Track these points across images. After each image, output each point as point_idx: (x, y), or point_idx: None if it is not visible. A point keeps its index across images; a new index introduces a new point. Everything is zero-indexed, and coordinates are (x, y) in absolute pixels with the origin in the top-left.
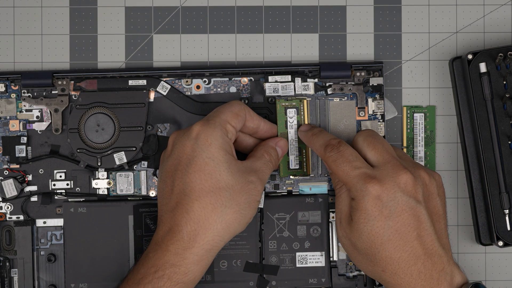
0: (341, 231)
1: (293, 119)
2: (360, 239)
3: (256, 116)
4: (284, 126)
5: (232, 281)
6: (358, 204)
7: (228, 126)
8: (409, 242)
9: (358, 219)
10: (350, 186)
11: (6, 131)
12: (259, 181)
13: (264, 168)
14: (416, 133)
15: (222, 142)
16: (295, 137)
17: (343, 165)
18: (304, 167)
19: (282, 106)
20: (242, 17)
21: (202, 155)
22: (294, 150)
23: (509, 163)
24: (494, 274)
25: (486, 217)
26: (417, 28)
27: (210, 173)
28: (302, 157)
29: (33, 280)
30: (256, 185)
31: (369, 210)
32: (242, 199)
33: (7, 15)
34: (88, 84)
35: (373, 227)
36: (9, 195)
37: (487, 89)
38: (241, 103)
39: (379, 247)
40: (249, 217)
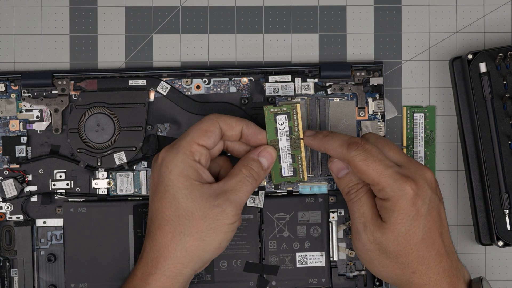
0: (367, 236)
1: (283, 125)
2: (395, 241)
3: (236, 122)
4: (274, 133)
5: (232, 281)
6: (395, 204)
7: (195, 147)
8: (436, 240)
9: (395, 220)
10: (383, 185)
11: (6, 131)
12: (228, 203)
13: (239, 186)
14: (416, 133)
15: (183, 167)
16: (287, 144)
17: (375, 164)
18: (299, 173)
19: (271, 112)
20: (242, 17)
21: (163, 182)
22: (286, 158)
23: (509, 163)
24: (494, 274)
25: (486, 217)
26: (417, 28)
27: (169, 201)
28: (297, 164)
29: (33, 280)
30: (224, 209)
31: (408, 210)
32: (204, 226)
33: (7, 15)
34: (88, 84)
35: (410, 226)
36: (9, 195)
37: (487, 89)
38: (213, 116)
39: (414, 247)
40: (216, 242)
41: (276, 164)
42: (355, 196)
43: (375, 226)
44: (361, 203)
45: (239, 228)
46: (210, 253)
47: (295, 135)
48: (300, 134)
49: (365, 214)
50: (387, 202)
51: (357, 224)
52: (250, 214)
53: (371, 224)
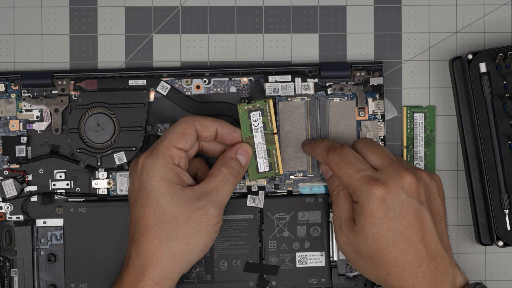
0: (342, 238)
1: (258, 122)
2: (365, 243)
3: (210, 123)
4: (248, 130)
5: (232, 281)
6: (363, 207)
7: (173, 151)
8: (413, 244)
9: (363, 222)
10: (354, 189)
11: (6, 131)
12: (211, 205)
13: (220, 187)
14: (416, 133)
15: (164, 172)
16: (262, 140)
17: (346, 168)
18: (275, 168)
19: (245, 110)
20: (242, 17)
21: (145, 189)
22: (262, 153)
23: (509, 163)
24: (494, 274)
25: (486, 217)
26: (417, 28)
27: (153, 207)
28: (273, 159)
29: (33, 280)
30: (206, 210)
31: (375, 213)
32: (189, 229)
33: (7, 15)
34: (88, 84)
35: (378, 230)
36: (9, 195)
37: (487, 89)
38: (187, 118)
39: (384, 250)
40: (202, 244)
41: (252, 160)
42: (336, 198)
43: (348, 228)
44: (339, 205)
45: (239, 228)
46: (196, 255)
47: (269, 130)
48: (273, 129)
49: (341, 217)
50: (357, 205)
51: (335, 226)
52: (250, 214)
53: (345, 226)
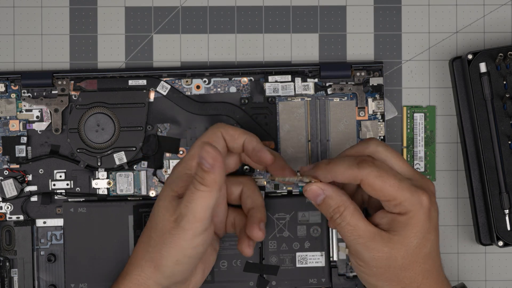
0: (371, 254)
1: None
2: (406, 254)
3: (239, 134)
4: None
5: (232, 281)
6: (411, 217)
7: (194, 161)
8: (438, 252)
9: (409, 233)
10: (402, 199)
11: (6, 131)
12: (181, 218)
13: (190, 197)
14: (416, 133)
15: (174, 179)
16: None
17: (391, 179)
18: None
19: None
20: (242, 17)
21: (161, 192)
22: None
23: (509, 163)
24: (494, 274)
25: (486, 217)
26: (417, 28)
27: (153, 211)
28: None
29: (33, 280)
30: (178, 223)
31: (424, 223)
32: (162, 240)
33: (7, 15)
34: (88, 84)
35: (422, 240)
36: (9, 195)
37: (487, 89)
38: (216, 126)
39: (421, 260)
40: (173, 258)
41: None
42: (341, 220)
43: (382, 241)
44: (352, 226)
45: None
46: (169, 268)
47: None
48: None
49: (363, 235)
50: (403, 216)
51: (356, 246)
52: None
53: (375, 241)
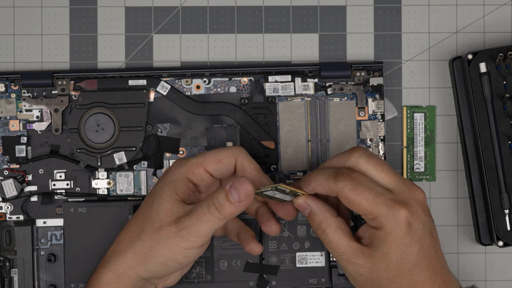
0: (354, 269)
1: (273, 192)
2: (387, 269)
3: (251, 166)
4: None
5: (232, 281)
6: (388, 233)
7: (199, 170)
8: (431, 261)
9: (387, 249)
10: (376, 214)
11: (6, 131)
12: (187, 230)
13: (197, 220)
14: (416, 133)
15: (175, 179)
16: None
17: (366, 193)
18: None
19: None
20: (242, 17)
21: (157, 184)
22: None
23: (509, 163)
24: (494, 274)
25: (486, 217)
26: (417, 28)
27: (147, 202)
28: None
29: (33, 280)
30: (179, 230)
31: (401, 238)
32: (156, 237)
33: (7, 15)
34: (88, 84)
35: (403, 254)
36: (9, 195)
37: (487, 89)
38: (235, 150)
39: (407, 273)
40: (162, 259)
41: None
42: (325, 235)
43: (363, 257)
44: (334, 243)
45: None
46: (155, 266)
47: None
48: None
49: (346, 252)
50: (380, 231)
51: (341, 261)
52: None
53: (357, 257)
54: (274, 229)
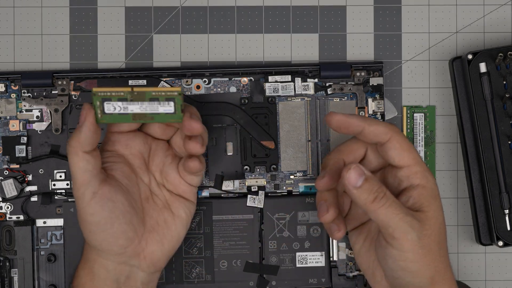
0: (419, 232)
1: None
2: (441, 228)
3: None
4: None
5: (232, 281)
6: (431, 190)
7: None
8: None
9: (435, 206)
10: (417, 170)
11: (6, 131)
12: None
13: None
14: (416, 133)
15: None
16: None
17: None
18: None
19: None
20: (242, 17)
21: None
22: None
23: (509, 163)
24: (494, 274)
25: (486, 217)
26: (417, 28)
27: None
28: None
29: (33, 280)
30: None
31: (438, 197)
32: None
33: (7, 15)
34: (88, 84)
35: (441, 212)
36: (9, 195)
37: (487, 89)
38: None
39: (445, 237)
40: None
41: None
42: (387, 199)
43: (419, 222)
44: (396, 203)
45: (239, 228)
46: (91, 240)
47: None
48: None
49: (406, 212)
50: (425, 189)
51: (403, 226)
52: (250, 214)
53: (417, 222)
54: (192, 166)
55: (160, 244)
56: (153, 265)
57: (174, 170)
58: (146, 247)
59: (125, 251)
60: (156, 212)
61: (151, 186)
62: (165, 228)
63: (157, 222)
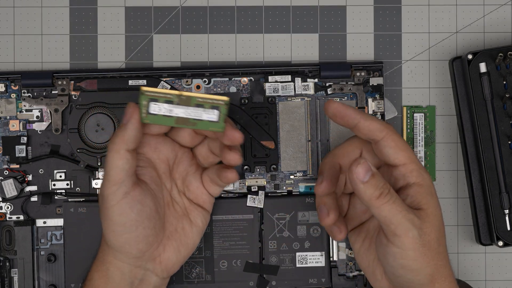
0: (420, 230)
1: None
2: (440, 225)
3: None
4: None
5: (232, 281)
6: (427, 188)
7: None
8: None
9: (433, 203)
10: (412, 168)
11: (6, 131)
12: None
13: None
14: (416, 133)
15: None
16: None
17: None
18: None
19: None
20: (242, 17)
21: None
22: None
23: (509, 163)
24: (494, 274)
25: (486, 217)
26: (417, 28)
27: None
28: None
29: (33, 280)
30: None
31: (435, 194)
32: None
33: (7, 15)
34: (88, 84)
35: (440, 211)
36: (9, 195)
37: (487, 89)
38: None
39: (444, 239)
40: (103, 224)
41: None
42: (391, 195)
43: (419, 219)
44: (400, 200)
45: (239, 228)
46: (112, 241)
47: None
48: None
49: (408, 209)
50: (421, 188)
51: (405, 222)
52: (250, 214)
53: (418, 219)
54: (230, 177)
55: (176, 251)
56: (167, 271)
57: (198, 180)
58: (163, 253)
59: (143, 255)
60: (176, 219)
61: (172, 193)
62: (182, 235)
63: (175, 229)
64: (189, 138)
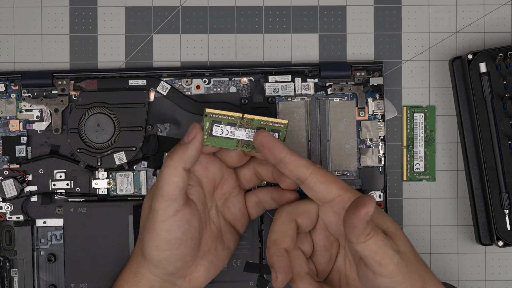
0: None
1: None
2: (411, 248)
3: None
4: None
5: (232, 281)
6: (389, 228)
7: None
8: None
9: (390, 224)
10: (348, 197)
11: (6, 131)
12: (154, 199)
13: (160, 176)
14: (416, 133)
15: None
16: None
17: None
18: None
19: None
20: (242, 17)
21: None
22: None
23: (509, 163)
24: (494, 274)
25: (486, 217)
26: (417, 28)
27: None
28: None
29: (33, 280)
30: (152, 204)
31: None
32: (144, 225)
33: (7, 15)
34: (88, 84)
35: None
36: (9, 195)
37: (487, 89)
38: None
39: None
40: (152, 243)
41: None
42: (375, 231)
43: (392, 240)
44: (380, 231)
45: None
46: (152, 254)
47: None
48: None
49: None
50: (390, 233)
51: (387, 251)
52: None
53: (394, 243)
54: (293, 199)
55: (206, 271)
56: (194, 286)
57: (241, 201)
58: (194, 271)
59: (177, 272)
60: (211, 240)
61: (211, 212)
62: (215, 256)
63: (209, 249)
64: (237, 159)
